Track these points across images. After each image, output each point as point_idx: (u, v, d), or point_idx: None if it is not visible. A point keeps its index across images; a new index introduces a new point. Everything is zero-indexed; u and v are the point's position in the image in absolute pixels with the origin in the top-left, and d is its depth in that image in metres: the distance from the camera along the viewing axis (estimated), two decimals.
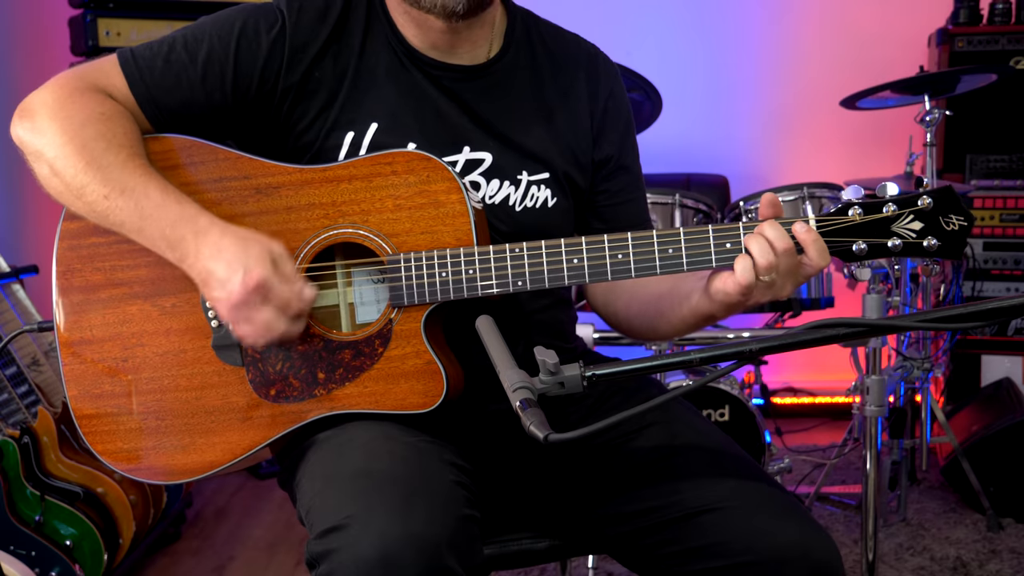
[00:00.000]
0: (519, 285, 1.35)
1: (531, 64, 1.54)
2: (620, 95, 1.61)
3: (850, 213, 1.29)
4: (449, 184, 1.37)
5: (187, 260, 1.33)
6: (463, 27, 1.45)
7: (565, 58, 1.57)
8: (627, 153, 1.61)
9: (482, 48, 1.51)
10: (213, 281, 1.30)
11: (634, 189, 1.62)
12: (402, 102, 1.46)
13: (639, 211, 1.63)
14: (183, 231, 1.32)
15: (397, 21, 1.48)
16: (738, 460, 1.44)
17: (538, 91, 1.54)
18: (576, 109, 1.55)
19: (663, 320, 1.49)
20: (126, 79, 1.41)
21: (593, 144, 1.56)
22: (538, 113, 1.53)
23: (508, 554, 1.54)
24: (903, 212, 1.28)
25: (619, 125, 1.59)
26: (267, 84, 1.43)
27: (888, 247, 1.29)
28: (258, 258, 1.29)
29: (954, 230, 1.28)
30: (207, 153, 1.41)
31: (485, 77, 1.50)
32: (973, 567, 2.71)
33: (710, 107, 4.15)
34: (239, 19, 1.43)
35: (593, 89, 1.57)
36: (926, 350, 3.08)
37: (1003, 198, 3.50)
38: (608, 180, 1.59)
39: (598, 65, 1.60)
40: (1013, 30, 3.55)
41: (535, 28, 1.57)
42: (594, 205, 1.60)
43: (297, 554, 2.90)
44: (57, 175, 1.36)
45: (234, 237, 1.31)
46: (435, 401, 1.36)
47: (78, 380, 1.43)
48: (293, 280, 1.32)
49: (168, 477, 1.43)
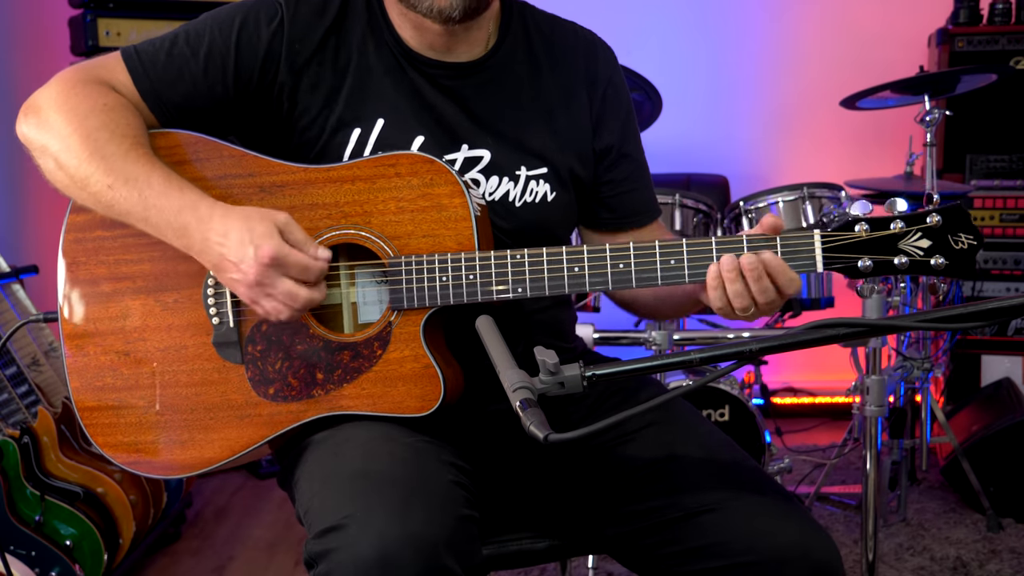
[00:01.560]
0: (519, 292, 1.35)
1: (528, 56, 1.54)
2: (619, 83, 1.60)
3: (856, 229, 1.28)
4: (452, 188, 1.37)
5: (194, 248, 1.33)
6: (460, 30, 1.45)
7: (563, 48, 1.56)
8: (629, 141, 1.60)
9: (479, 45, 1.50)
10: (226, 264, 1.31)
11: (638, 177, 1.62)
12: (402, 100, 1.46)
13: (646, 199, 1.63)
14: (186, 219, 1.32)
15: (394, 20, 1.48)
16: (738, 460, 1.44)
17: (536, 83, 1.53)
18: (575, 100, 1.55)
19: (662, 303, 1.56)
20: (130, 74, 1.42)
21: (593, 134, 1.56)
22: (536, 106, 1.52)
23: (507, 554, 1.53)
24: (911, 229, 1.27)
25: (619, 113, 1.59)
26: (268, 76, 1.43)
27: (894, 264, 1.27)
28: (265, 233, 1.29)
29: (963, 249, 1.26)
30: (212, 150, 1.42)
31: (481, 73, 1.50)
32: (973, 567, 2.71)
33: (710, 107, 4.15)
34: (239, 13, 1.44)
35: (592, 78, 1.56)
36: (926, 350, 3.08)
37: (1003, 198, 3.50)
38: (611, 169, 1.59)
39: (596, 53, 1.59)
40: (1013, 30, 3.55)
41: (531, 19, 1.57)
42: (600, 195, 1.59)
43: (297, 554, 2.89)
44: (62, 168, 1.36)
45: (237, 217, 1.31)
46: (432, 405, 1.36)
47: (81, 372, 1.44)
48: (305, 245, 1.32)
49: (167, 471, 1.44)
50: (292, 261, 1.30)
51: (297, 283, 1.31)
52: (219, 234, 1.31)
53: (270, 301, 1.31)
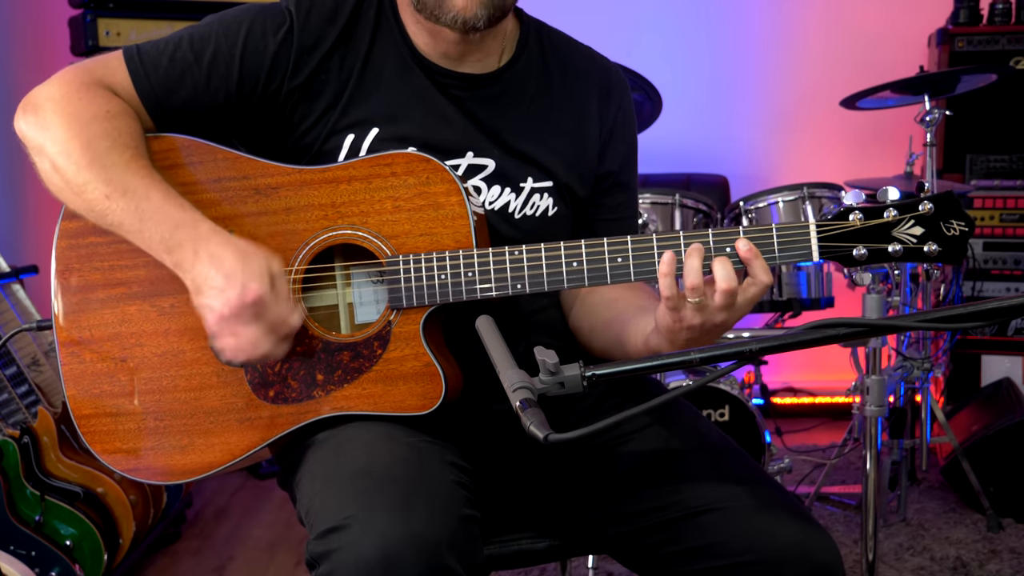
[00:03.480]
0: (518, 288, 1.35)
1: (543, 74, 1.53)
2: (629, 111, 1.60)
3: (850, 218, 1.29)
4: (449, 186, 1.37)
5: (183, 265, 1.32)
6: (477, 38, 1.44)
7: (577, 71, 1.56)
8: (627, 171, 1.60)
9: (492, 57, 1.50)
10: (208, 289, 1.30)
11: (627, 208, 1.62)
12: (406, 105, 1.45)
13: (630, 230, 1.62)
14: (182, 236, 1.32)
15: (408, 27, 1.47)
16: (738, 460, 1.44)
17: (547, 101, 1.53)
18: (585, 121, 1.54)
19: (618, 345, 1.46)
20: (131, 76, 1.41)
21: (599, 157, 1.56)
22: (545, 122, 1.52)
23: (508, 554, 1.53)
24: (904, 217, 1.28)
25: (625, 142, 1.59)
26: (272, 85, 1.42)
27: (888, 252, 1.28)
28: (258, 274, 1.29)
29: (955, 235, 1.28)
30: (206, 153, 1.41)
31: (494, 85, 1.50)
32: (973, 567, 2.71)
33: (710, 107, 4.15)
34: (246, 19, 1.43)
35: (604, 103, 1.56)
36: (926, 350, 3.08)
37: (1003, 198, 3.50)
38: (605, 195, 1.59)
39: (611, 79, 1.59)
40: (1013, 30, 3.55)
41: (548, 39, 1.57)
42: (587, 217, 1.59)
43: (297, 554, 2.90)
44: (58, 171, 1.35)
45: (235, 249, 1.31)
46: (433, 403, 1.36)
47: (77, 380, 1.43)
48: (287, 301, 1.32)
49: (167, 477, 1.43)
50: (273, 310, 1.30)
51: (266, 333, 1.31)
52: (214, 257, 1.30)
53: (233, 339, 1.31)
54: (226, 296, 1.28)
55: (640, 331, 1.38)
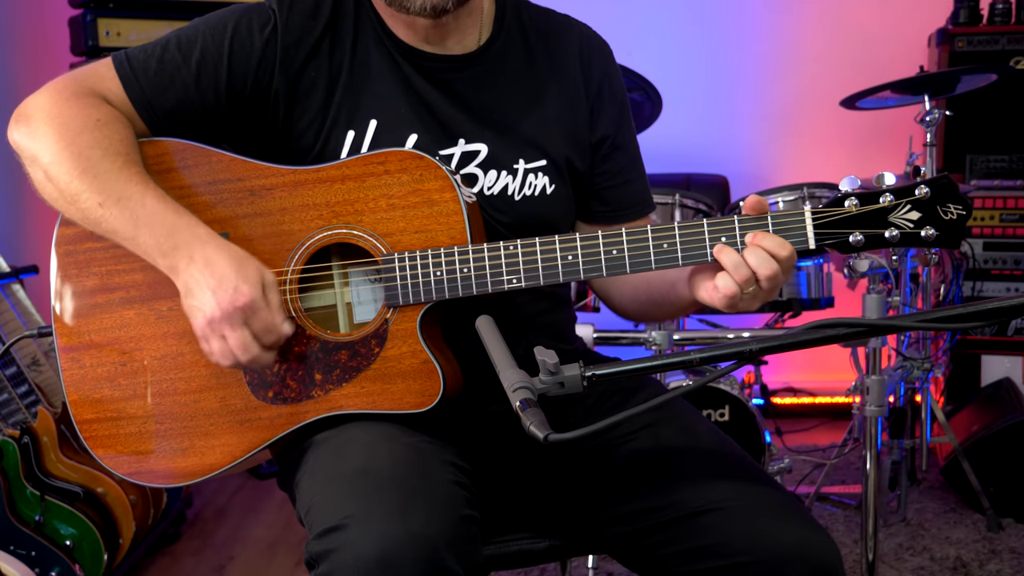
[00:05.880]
0: (514, 283, 1.35)
1: (523, 49, 1.54)
2: (614, 75, 1.60)
3: (846, 204, 1.28)
4: (442, 183, 1.37)
5: (178, 268, 1.32)
6: (450, 19, 1.45)
7: (558, 41, 1.56)
8: (623, 133, 1.60)
9: (471, 36, 1.50)
10: (199, 291, 1.30)
11: (632, 169, 1.62)
12: (397, 98, 1.46)
13: (639, 192, 1.63)
14: (178, 240, 1.32)
15: (385, 18, 1.48)
16: (738, 460, 1.43)
17: (531, 76, 1.53)
18: (571, 91, 1.55)
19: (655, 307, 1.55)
20: (121, 82, 1.41)
21: (589, 126, 1.56)
22: (532, 98, 1.52)
23: (508, 554, 1.53)
24: (900, 202, 1.27)
25: (614, 105, 1.59)
26: (262, 84, 1.43)
27: (885, 238, 1.27)
28: (252, 279, 1.30)
29: (952, 219, 1.26)
30: (200, 156, 1.41)
31: (476, 65, 1.50)
32: (973, 567, 2.71)
33: (710, 107, 4.15)
34: (232, 19, 1.43)
35: (587, 70, 1.56)
36: (926, 350, 3.08)
37: (1003, 198, 3.50)
38: (606, 161, 1.58)
39: (591, 46, 1.59)
40: (1013, 30, 3.55)
41: (526, 12, 1.57)
42: (594, 187, 1.59)
43: (297, 554, 2.90)
44: (51, 181, 1.36)
45: (229, 253, 1.31)
46: (432, 401, 1.36)
47: (77, 385, 1.43)
48: (279, 311, 1.33)
49: (169, 480, 1.43)
50: (262, 316, 1.31)
51: (254, 338, 1.31)
52: (208, 260, 1.30)
53: (221, 343, 1.31)
54: (217, 298, 1.29)
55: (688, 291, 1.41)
